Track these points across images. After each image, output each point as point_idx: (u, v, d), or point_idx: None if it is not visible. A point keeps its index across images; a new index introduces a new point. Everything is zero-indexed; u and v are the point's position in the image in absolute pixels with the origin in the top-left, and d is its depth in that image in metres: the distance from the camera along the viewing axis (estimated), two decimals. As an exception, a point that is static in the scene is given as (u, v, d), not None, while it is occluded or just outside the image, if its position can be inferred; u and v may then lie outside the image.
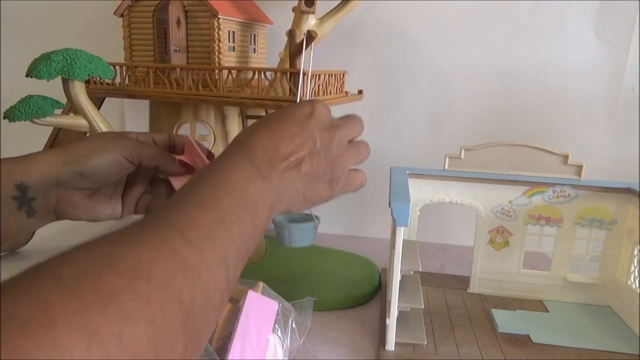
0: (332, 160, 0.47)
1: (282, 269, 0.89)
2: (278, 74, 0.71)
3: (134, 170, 0.51)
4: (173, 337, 0.27)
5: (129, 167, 0.49)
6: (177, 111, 0.81)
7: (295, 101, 0.69)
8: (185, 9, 0.76)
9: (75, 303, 0.24)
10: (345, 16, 0.88)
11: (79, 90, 0.69)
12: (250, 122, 0.84)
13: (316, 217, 0.76)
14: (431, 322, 0.72)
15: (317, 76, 0.72)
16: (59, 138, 0.89)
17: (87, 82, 0.77)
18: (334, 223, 1.11)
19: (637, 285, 0.72)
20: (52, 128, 0.88)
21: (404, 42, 1.01)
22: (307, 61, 0.70)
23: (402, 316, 0.69)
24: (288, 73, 0.70)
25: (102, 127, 0.73)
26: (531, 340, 0.68)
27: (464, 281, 0.85)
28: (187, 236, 0.31)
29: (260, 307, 0.53)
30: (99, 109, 0.82)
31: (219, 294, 0.33)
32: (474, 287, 0.83)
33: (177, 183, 0.53)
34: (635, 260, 0.73)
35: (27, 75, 0.65)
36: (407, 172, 0.79)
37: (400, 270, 0.63)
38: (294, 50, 0.70)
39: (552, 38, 0.96)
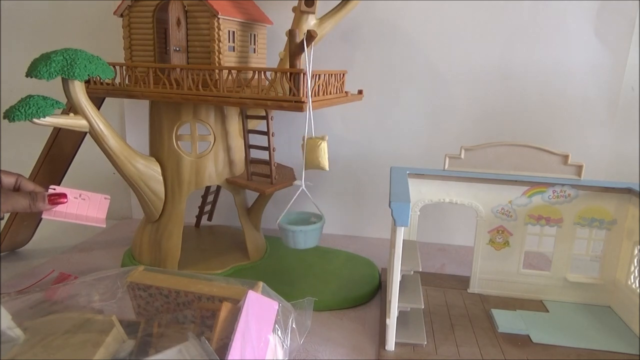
0: None
1: (282, 269, 0.89)
2: (278, 74, 0.71)
3: None
4: None
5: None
6: (177, 111, 0.81)
7: (296, 101, 0.69)
8: (185, 9, 0.76)
9: None
10: (345, 16, 0.88)
11: (79, 90, 0.69)
12: (250, 122, 0.84)
13: (321, 217, 0.76)
14: (431, 322, 0.72)
15: (317, 76, 0.72)
16: (59, 138, 0.89)
17: (87, 82, 0.77)
18: (334, 223, 1.12)
19: (637, 285, 0.72)
20: (52, 128, 0.88)
21: (404, 42, 1.01)
22: (307, 61, 0.70)
23: (402, 316, 0.69)
24: (288, 73, 0.70)
25: (102, 127, 0.73)
26: (531, 340, 0.68)
27: (464, 281, 0.85)
28: None
29: (260, 307, 0.53)
30: (99, 109, 0.82)
31: None
32: (474, 287, 0.83)
33: (47, 214, 0.67)
34: (635, 260, 0.73)
35: (27, 75, 0.65)
36: (407, 172, 0.79)
37: (400, 270, 0.63)
38: (294, 50, 0.70)
39: (552, 38, 0.96)
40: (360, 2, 0.89)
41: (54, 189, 0.67)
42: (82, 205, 0.68)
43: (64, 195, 0.67)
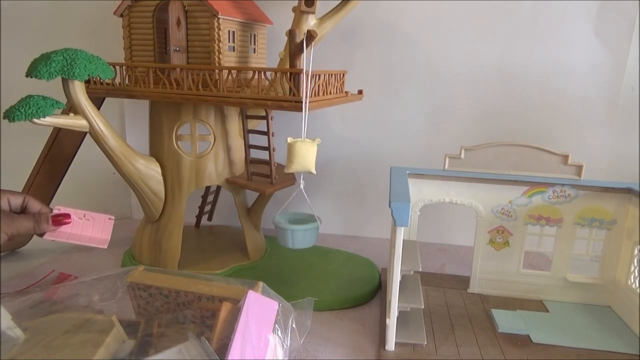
0: None
1: (282, 269, 0.89)
2: (278, 74, 0.71)
3: None
4: None
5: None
6: (177, 111, 0.81)
7: (295, 101, 0.69)
8: (185, 9, 0.76)
9: None
10: (345, 16, 0.88)
11: (79, 90, 0.69)
12: (250, 122, 0.84)
13: (318, 218, 0.76)
14: (431, 322, 0.72)
15: (317, 76, 0.72)
16: (59, 138, 0.89)
17: (87, 82, 0.77)
18: (334, 223, 1.12)
19: (637, 285, 0.72)
20: (52, 128, 0.88)
21: (404, 42, 1.01)
22: (307, 61, 0.70)
23: (402, 316, 0.69)
24: (288, 73, 0.70)
25: (102, 127, 0.73)
26: (531, 340, 0.68)
27: (464, 281, 0.85)
28: None
29: (260, 307, 0.53)
30: (99, 109, 0.82)
31: None
32: (474, 287, 0.83)
33: (50, 235, 0.65)
34: (635, 260, 0.73)
35: (27, 75, 0.65)
36: (407, 172, 0.79)
37: (400, 270, 0.63)
38: (294, 50, 0.70)
39: (552, 38, 0.96)
40: (360, 2, 0.89)
41: (59, 210, 0.66)
42: (86, 226, 0.68)
43: (68, 216, 0.66)
